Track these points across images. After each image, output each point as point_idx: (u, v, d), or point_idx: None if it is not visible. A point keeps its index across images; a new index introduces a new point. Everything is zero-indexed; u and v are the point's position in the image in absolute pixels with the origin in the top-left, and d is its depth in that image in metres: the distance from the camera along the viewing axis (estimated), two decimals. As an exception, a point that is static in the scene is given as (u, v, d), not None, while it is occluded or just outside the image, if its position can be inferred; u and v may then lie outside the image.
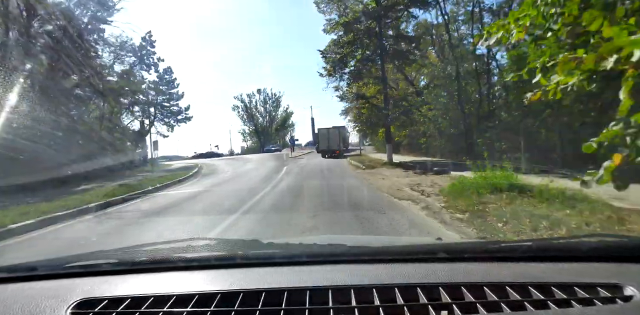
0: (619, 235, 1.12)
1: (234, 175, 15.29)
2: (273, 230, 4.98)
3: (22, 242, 5.18)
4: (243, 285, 0.92)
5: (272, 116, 57.49)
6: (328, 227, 4.82)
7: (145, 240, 4.60)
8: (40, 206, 7.21)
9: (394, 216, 5.32)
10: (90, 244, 4.68)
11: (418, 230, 4.55)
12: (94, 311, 0.86)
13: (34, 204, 7.57)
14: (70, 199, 8.18)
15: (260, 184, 10.52)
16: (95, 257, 1.25)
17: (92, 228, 6.07)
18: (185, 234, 4.84)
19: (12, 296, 0.95)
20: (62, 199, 8.29)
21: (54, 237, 5.45)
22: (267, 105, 56.73)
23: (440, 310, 0.78)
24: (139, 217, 6.67)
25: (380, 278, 0.93)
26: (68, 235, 5.49)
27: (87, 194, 9.35)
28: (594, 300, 0.80)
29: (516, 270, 0.97)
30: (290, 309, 0.81)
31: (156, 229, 5.55)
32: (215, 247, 1.34)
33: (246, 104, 55.37)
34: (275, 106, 57.25)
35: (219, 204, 7.48)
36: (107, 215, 7.09)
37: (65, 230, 5.79)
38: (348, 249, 1.14)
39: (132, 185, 11.01)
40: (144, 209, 7.67)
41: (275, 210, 6.43)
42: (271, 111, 57.12)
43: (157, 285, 0.98)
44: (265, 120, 57.01)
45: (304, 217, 5.53)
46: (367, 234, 4.32)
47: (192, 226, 5.54)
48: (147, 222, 6.23)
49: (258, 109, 56.39)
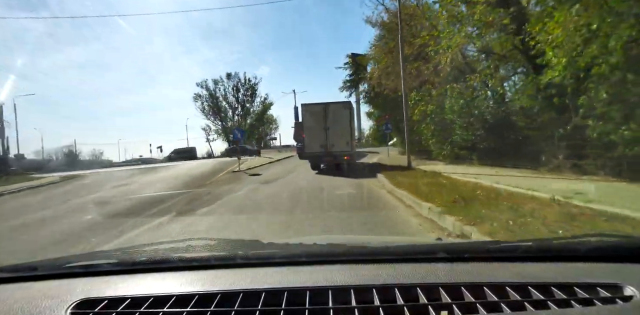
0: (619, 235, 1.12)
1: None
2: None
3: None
4: (243, 285, 0.92)
5: (246, 108, 45.17)
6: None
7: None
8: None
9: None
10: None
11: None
12: (94, 311, 0.86)
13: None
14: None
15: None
16: (95, 257, 1.25)
17: None
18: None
19: (12, 296, 0.95)
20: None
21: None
22: (239, 95, 44.29)
23: (440, 310, 0.78)
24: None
25: (380, 278, 0.93)
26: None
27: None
28: (593, 300, 0.80)
29: (516, 270, 0.97)
30: (290, 309, 0.81)
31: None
32: (215, 247, 1.34)
33: (212, 92, 43.30)
34: (250, 95, 44.59)
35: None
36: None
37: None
38: (348, 249, 1.14)
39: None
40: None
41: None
42: (244, 101, 44.65)
43: (157, 285, 0.98)
44: (236, 113, 44.74)
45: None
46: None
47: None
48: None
49: (228, 99, 43.93)
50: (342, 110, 13.64)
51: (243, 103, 44.59)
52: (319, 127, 13.44)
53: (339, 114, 13.47)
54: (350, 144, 13.44)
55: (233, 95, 44.42)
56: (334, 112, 13.44)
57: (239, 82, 44.52)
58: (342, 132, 13.37)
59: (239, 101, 44.37)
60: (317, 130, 13.47)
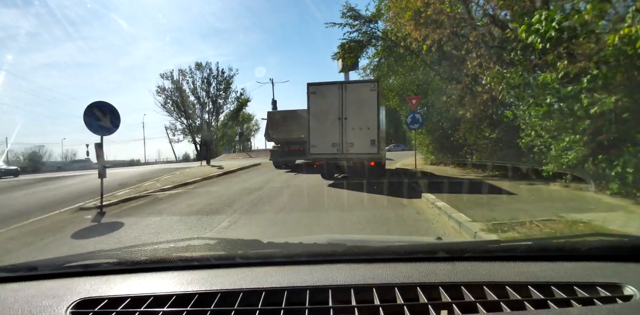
0: (619, 234, 1.12)
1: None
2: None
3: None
4: (243, 284, 0.92)
5: (218, 104, 37.31)
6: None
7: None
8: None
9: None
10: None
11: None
12: (94, 311, 0.86)
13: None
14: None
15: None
16: (95, 256, 1.25)
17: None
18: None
19: (12, 296, 0.95)
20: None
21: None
22: (210, 89, 36.58)
23: (440, 309, 0.78)
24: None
25: (380, 277, 0.93)
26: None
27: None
28: (593, 300, 0.80)
29: (516, 269, 0.97)
30: (290, 309, 0.81)
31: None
32: (215, 247, 1.34)
33: (179, 85, 35.71)
34: (224, 89, 37.04)
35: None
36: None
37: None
38: (348, 249, 1.14)
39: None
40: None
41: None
42: (217, 96, 37.03)
43: (157, 285, 0.98)
44: (206, 109, 36.59)
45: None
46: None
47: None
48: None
49: (198, 92, 36.32)
50: (367, 93, 8.95)
51: (215, 98, 36.90)
52: (331, 117, 9.05)
53: (362, 99, 8.95)
54: (378, 143, 8.90)
55: (204, 89, 36.79)
56: (354, 96, 9.01)
57: (211, 74, 36.67)
58: (367, 124, 8.93)
59: (210, 96, 36.74)
60: (328, 121, 9.05)
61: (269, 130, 14.82)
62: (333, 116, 9.10)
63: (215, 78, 36.87)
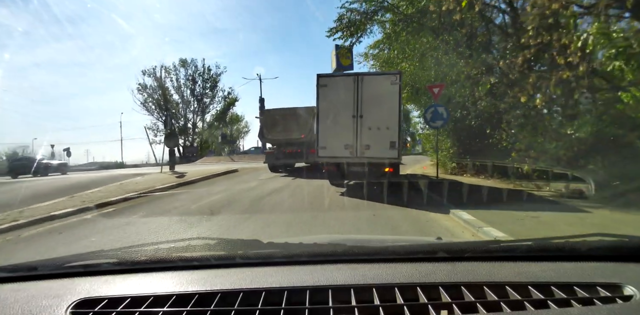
0: (619, 235, 1.12)
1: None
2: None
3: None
4: (243, 284, 0.92)
5: (204, 104, 35.01)
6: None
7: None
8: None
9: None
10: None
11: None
12: (94, 311, 0.86)
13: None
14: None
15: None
16: (95, 256, 1.24)
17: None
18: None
19: (12, 296, 0.95)
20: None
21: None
22: (196, 87, 34.25)
23: (440, 310, 0.78)
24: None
25: (380, 277, 0.93)
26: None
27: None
28: (593, 300, 0.80)
29: (516, 270, 0.97)
30: (290, 309, 0.81)
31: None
32: (215, 247, 1.34)
33: (162, 83, 32.97)
34: (210, 87, 34.72)
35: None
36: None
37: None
38: (348, 249, 1.14)
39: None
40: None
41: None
42: (202, 95, 34.81)
43: (157, 285, 0.97)
44: (190, 109, 34.33)
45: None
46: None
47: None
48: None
49: (182, 91, 33.95)
50: (387, 87, 7.62)
51: (200, 97, 34.71)
52: (344, 115, 7.79)
53: (381, 93, 7.66)
54: (397, 145, 7.65)
55: (188, 87, 34.58)
56: (372, 90, 7.70)
57: (196, 71, 34.40)
58: (386, 124, 7.64)
59: (195, 94, 34.51)
60: (341, 119, 7.82)
61: (264, 130, 13.38)
62: (346, 113, 7.77)
63: (200, 75, 34.66)
